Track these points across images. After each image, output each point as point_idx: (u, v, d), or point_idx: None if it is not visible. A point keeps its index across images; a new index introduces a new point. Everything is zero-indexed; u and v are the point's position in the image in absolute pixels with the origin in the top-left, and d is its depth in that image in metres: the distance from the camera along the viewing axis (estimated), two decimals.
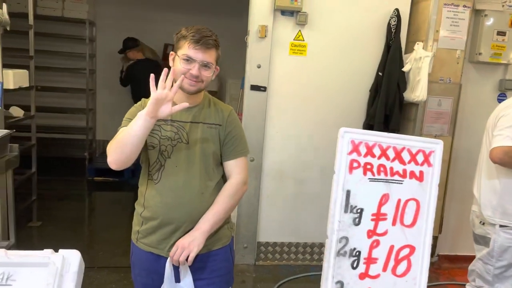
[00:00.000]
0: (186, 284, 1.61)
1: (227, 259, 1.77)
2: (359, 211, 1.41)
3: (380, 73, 3.24)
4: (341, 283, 1.40)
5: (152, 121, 1.48)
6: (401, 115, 3.33)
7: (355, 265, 1.41)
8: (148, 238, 1.68)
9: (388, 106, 3.22)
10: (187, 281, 1.61)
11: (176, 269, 1.62)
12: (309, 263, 3.52)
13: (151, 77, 1.46)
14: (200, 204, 1.64)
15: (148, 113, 1.46)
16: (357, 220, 1.41)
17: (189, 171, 1.64)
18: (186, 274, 1.61)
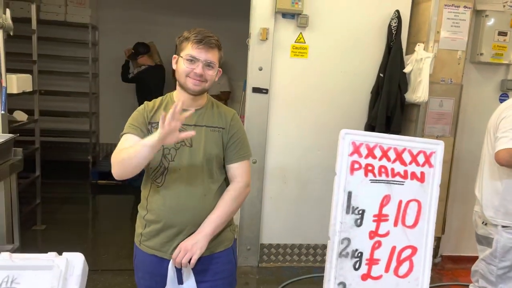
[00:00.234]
0: (189, 286, 1.62)
1: (230, 261, 1.78)
2: (360, 212, 1.41)
3: (381, 75, 3.25)
4: (343, 284, 1.41)
5: (158, 147, 1.51)
6: (403, 116, 3.32)
7: (357, 266, 1.42)
8: (151, 240, 1.69)
9: (389, 108, 3.22)
10: (190, 283, 1.62)
11: (178, 271, 1.63)
12: (312, 265, 3.52)
13: (161, 117, 1.42)
14: (203, 207, 1.65)
15: (156, 145, 1.47)
16: (358, 221, 1.41)
17: (192, 174, 1.65)
18: (189, 276, 1.62)
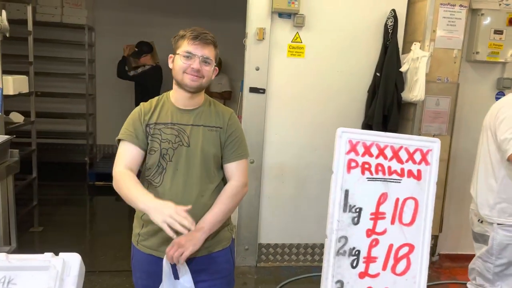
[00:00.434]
0: (186, 281, 1.61)
1: (227, 261, 1.77)
2: (357, 210, 1.41)
3: (378, 74, 3.25)
4: (341, 282, 1.41)
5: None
6: (400, 115, 3.33)
7: (354, 264, 1.42)
8: (148, 240, 1.68)
9: (386, 107, 3.22)
10: (186, 278, 1.61)
11: (173, 267, 1.62)
12: (310, 264, 3.52)
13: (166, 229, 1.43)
14: (200, 206, 1.64)
15: (146, 211, 1.51)
16: (356, 219, 1.41)
17: (190, 174, 1.65)
18: (185, 272, 1.61)
